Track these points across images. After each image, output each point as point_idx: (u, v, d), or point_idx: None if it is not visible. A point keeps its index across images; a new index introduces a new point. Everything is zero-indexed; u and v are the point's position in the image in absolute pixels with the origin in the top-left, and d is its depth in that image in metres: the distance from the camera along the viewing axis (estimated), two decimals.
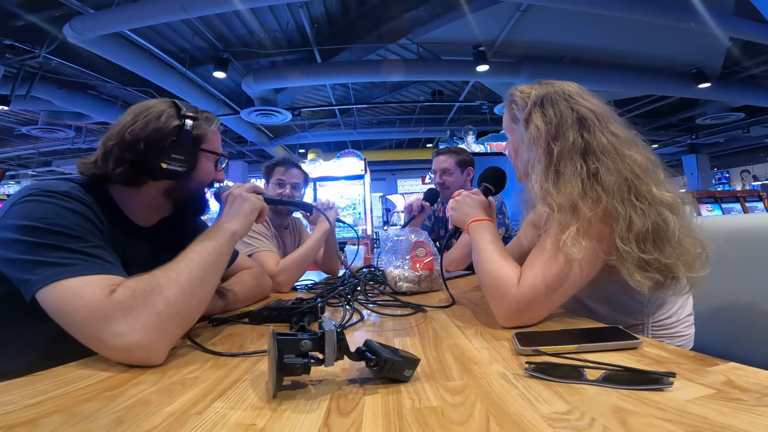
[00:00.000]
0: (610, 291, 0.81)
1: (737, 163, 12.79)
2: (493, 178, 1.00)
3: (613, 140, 0.75)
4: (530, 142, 0.79)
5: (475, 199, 0.91)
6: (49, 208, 0.63)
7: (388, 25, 4.93)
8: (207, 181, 0.87)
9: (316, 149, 9.51)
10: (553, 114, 0.77)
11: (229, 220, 0.78)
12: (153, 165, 0.75)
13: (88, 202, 0.68)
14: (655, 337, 0.79)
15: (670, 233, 0.68)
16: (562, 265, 0.69)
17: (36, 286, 0.57)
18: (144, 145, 0.74)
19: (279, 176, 1.65)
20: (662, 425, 0.34)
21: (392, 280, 1.15)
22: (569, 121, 0.76)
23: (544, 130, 0.77)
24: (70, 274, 0.57)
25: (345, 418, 0.39)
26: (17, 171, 10.65)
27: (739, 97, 6.79)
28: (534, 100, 0.81)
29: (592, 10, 4.16)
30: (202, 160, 0.84)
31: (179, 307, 0.61)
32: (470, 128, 7.55)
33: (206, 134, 0.83)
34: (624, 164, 0.72)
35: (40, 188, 0.65)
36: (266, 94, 6.17)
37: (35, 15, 4.10)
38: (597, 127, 0.76)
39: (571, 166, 0.73)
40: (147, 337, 0.56)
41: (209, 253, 0.69)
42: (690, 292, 0.76)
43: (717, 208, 6.49)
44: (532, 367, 0.46)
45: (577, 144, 0.74)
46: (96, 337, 0.55)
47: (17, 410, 0.42)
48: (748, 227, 0.97)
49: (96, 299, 0.56)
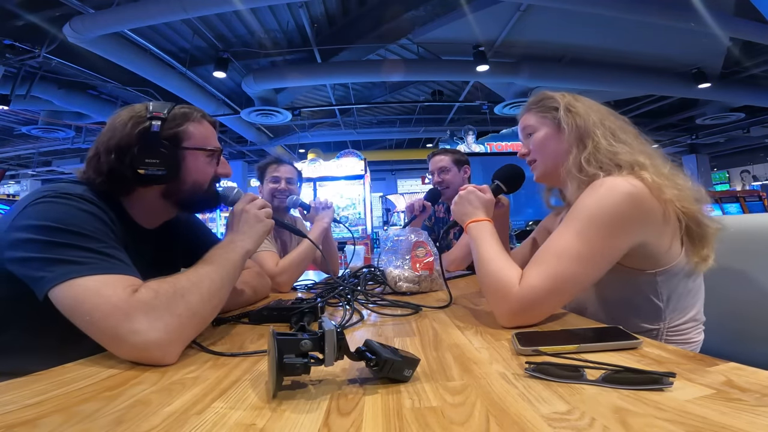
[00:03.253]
0: (626, 294, 0.81)
1: (737, 163, 12.79)
2: (507, 176, 0.96)
3: (628, 128, 0.87)
4: (572, 124, 0.85)
5: (480, 197, 0.88)
6: (64, 209, 0.64)
7: (388, 25, 4.94)
8: (204, 179, 0.83)
9: (316, 149, 9.52)
10: (585, 105, 0.88)
11: (244, 239, 0.80)
12: (128, 173, 0.74)
13: (101, 204, 0.69)
14: (667, 343, 0.79)
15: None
16: (566, 264, 0.69)
17: (51, 284, 0.57)
18: (115, 155, 0.74)
19: (273, 173, 1.68)
20: (662, 425, 0.34)
21: (392, 280, 1.15)
22: (601, 111, 0.87)
23: (591, 111, 0.86)
24: (87, 272, 0.58)
25: (345, 418, 0.39)
26: (17, 171, 10.65)
27: (739, 97, 6.79)
28: (568, 97, 0.90)
29: (593, 10, 4.16)
30: (189, 158, 0.80)
31: (198, 312, 0.63)
32: (470, 128, 7.56)
33: (184, 132, 0.79)
34: (644, 143, 0.85)
35: (54, 190, 0.66)
36: (266, 94, 6.18)
37: (35, 15, 4.10)
38: (613, 115, 0.88)
39: (622, 135, 0.83)
40: (166, 337, 0.57)
41: (226, 266, 0.72)
42: (699, 269, 0.80)
43: (717, 208, 6.49)
44: (532, 367, 0.46)
45: (615, 122, 0.86)
46: (114, 334, 0.56)
47: (17, 410, 0.42)
48: (748, 227, 0.97)
49: (118, 298, 0.57)
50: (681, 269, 0.78)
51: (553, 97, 0.91)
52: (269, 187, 1.66)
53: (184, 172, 0.80)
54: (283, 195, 1.65)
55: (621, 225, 0.70)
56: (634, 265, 0.77)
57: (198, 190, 0.83)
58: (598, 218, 0.70)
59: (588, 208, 0.71)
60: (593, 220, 0.70)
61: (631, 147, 0.81)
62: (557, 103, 0.88)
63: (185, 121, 0.80)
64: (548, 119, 0.89)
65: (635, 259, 0.76)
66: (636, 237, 0.72)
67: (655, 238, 0.74)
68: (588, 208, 0.71)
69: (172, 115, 0.78)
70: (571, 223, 0.72)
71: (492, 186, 0.94)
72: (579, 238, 0.69)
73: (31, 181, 10.94)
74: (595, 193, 0.72)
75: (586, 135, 0.82)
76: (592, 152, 0.80)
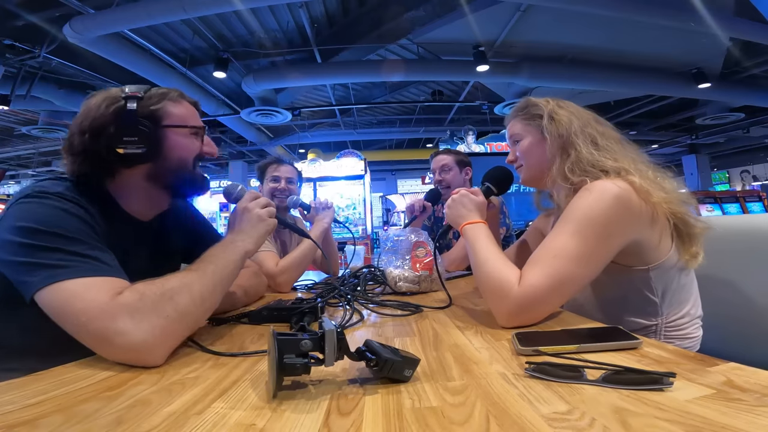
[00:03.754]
0: (622, 292, 0.83)
1: (737, 163, 12.79)
2: (497, 178, 0.99)
3: (613, 134, 0.89)
4: (554, 131, 0.87)
5: (473, 200, 0.90)
6: (44, 210, 0.63)
7: (388, 25, 4.93)
8: (188, 156, 0.81)
9: (316, 149, 9.51)
10: (568, 112, 0.89)
11: (245, 238, 0.79)
12: (106, 152, 0.72)
13: (83, 202, 0.68)
14: (666, 339, 0.81)
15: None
16: (564, 264, 0.70)
17: (34, 288, 0.57)
18: (89, 135, 0.72)
19: (273, 173, 1.69)
20: (662, 425, 0.34)
21: (392, 281, 1.15)
22: (583, 118, 0.89)
23: (574, 118, 0.88)
24: (70, 275, 0.58)
25: (345, 418, 0.39)
26: (17, 171, 10.65)
27: (739, 97, 6.79)
28: (552, 104, 0.92)
29: (593, 10, 4.16)
30: (172, 136, 0.79)
31: (187, 314, 0.62)
32: (470, 128, 7.54)
33: (163, 110, 0.78)
34: (628, 149, 0.85)
35: (35, 190, 0.66)
36: (266, 94, 6.17)
37: (35, 15, 4.10)
38: (599, 122, 0.89)
39: (604, 143, 0.85)
40: (152, 339, 0.56)
41: (221, 268, 0.71)
42: (689, 265, 0.81)
43: (717, 208, 6.49)
44: (532, 367, 0.46)
45: (598, 129, 0.87)
46: (101, 336, 0.56)
47: (17, 410, 0.42)
48: (748, 227, 0.97)
49: (101, 300, 0.57)
50: (673, 264, 0.80)
51: (538, 104, 0.93)
52: (269, 186, 1.67)
53: (167, 150, 0.78)
54: (283, 195, 1.66)
55: (614, 225, 0.72)
56: (627, 262, 0.79)
57: (183, 168, 0.81)
58: (592, 219, 0.72)
59: (581, 210, 0.73)
60: (588, 222, 0.72)
61: (614, 153, 0.83)
62: (542, 111, 0.90)
63: (162, 99, 0.79)
64: (533, 127, 0.92)
65: (629, 256, 0.78)
66: (629, 236, 0.75)
67: (646, 236, 0.76)
68: (581, 210, 0.73)
69: (148, 95, 0.77)
70: (566, 225, 0.73)
71: (482, 188, 0.97)
72: (575, 238, 0.71)
73: (31, 182, 10.93)
74: (588, 195, 0.74)
75: (569, 144, 0.85)
76: (575, 161, 0.83)
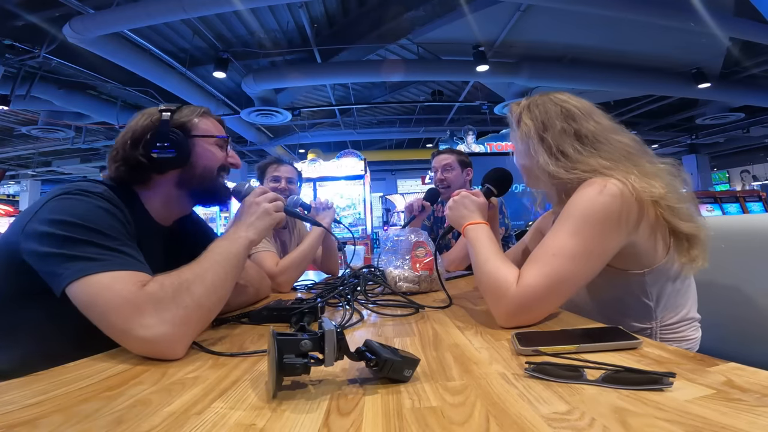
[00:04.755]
0: (617, 295, 0.82)
1: (737, 163, 12.79)
2: (497, 179, 0.99)
3: (599, 127, 0.83)
4: (523, 138, 0.87)
5: (474, 201, 0.91)
6: (84, 206, 0.67)
7: (388, 25, 4.93)
8: (214, 165, 0.88)
9: (316, 149, 9.51)
10: (538, 112, 0.86)
11: (248, 230, 0.81)
12: (143, 157, 0.80)
13: (119, 204, 0.72)
14: (663, 341, 0.80)
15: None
16: (562, 263, 0.70)
17: (67, 280, 0.60)
18: (130, 143, 0.81)
19: (273, 173, 1.70)
20: (662, 425, 0.34)
21: (392, 280, 1.15)
22: (553, 113, 0.84)
23: (532, 125, 0.86)
24: (101, 269, 0.61)
25: (345, 418, 0.39)
26: (17, 171, 10.65)
27: (739, 97, 6.79)
28: (523, 105, 0.90)
29: (593, 10, 4.16)
30: (200, 145, 0.86)
31: (203, 303, 0.64)
32: (470, 128, 7.54)
33: (192, 122, 0.86)
34: (616, 145, 0.81)
35: (77, 188, 0.69)
36: (266, 94, 6.17)
37: (35, 15, 4.10)
38: (582, 117, 0.83)
39: (570, 147, 0.81)
40: (173, 330, 0.59)
41: (229, 257, 0.73)
42: (686, 271, 0.80)
43: (717, 208, 6.48)
44: (532, 368, 0.46)
45: (567, 131, 0.82)
46: (125, 329, 0.58)
47: (17, 410, 0.42)
48: (748, 227, 0.97)
49: (128, 291, 0.59)
50: (668, 269, 0.79)
51: (510, 111, 0.93)
52: (269, 186, 1.67)
53: (195, 157, 0.85)
54: (283, 195, 1.66)
55: (612, 223, 0.71)
56: (623, 266, 0.79)
57: (208, 176, 0.87)
58: (591, 218, 0.71)
59: (579, 208, 0.73)
60: (586, 220, 0.71)
61: (599, 151, 0.80)
62: (513, 118, 0.91)
63: (192, 114, 0.88)
64: (517, 132, 0.91)
65: (624, 259, 0.77)
66: (626, 236, 0.74)
67: (642, 238, 0.76)
68: (579, 208, 0.73)
69: (179, 110, 0.87)
70: (564, 224, 0.73)
71: (483, 189, 0.97)
72: (573, 237, 0.71)
73: (31, 181, 10.94)
74: (585, 194, 0.74)
75: (548, 148, 0.83)
76: (562, 164, 0.81)
